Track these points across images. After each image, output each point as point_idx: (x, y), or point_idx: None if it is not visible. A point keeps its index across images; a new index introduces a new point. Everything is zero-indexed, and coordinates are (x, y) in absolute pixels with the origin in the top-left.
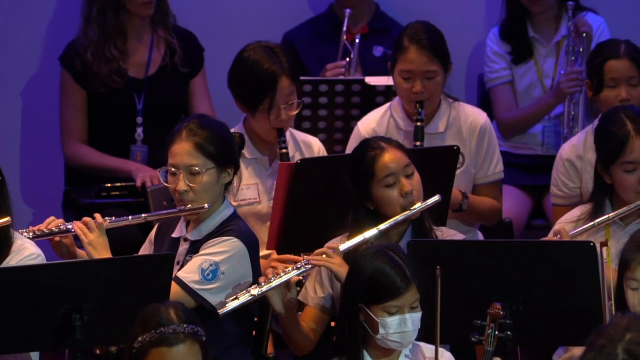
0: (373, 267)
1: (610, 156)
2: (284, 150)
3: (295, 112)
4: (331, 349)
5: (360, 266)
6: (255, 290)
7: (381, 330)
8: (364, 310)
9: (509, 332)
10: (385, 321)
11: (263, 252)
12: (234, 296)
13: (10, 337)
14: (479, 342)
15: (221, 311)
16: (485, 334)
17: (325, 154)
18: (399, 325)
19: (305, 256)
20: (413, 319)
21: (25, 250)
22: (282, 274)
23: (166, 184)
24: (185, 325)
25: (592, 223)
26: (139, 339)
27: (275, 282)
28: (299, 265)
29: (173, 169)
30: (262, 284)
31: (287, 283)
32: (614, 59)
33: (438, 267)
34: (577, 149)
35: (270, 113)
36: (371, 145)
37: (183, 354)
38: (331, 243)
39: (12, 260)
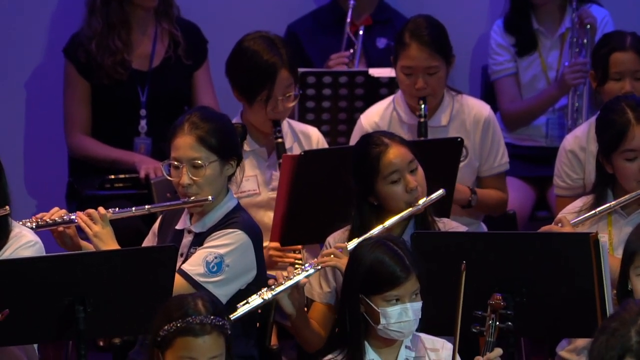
0: (372, 257)
1: (611, 145)
2: (279, 140)
3: (292, 104)
4: (333, 341)
5: (359, 257)
6: (266, 294)
7: (382, 321)
8: (365, 301)
9: (510, 323)
10: (386, 311)
11: (264, 242)
12: (245, 300)
13: (14, 328)
14: (479, 333)
15: (233, 316)
16: (486, 324)
17: (325, 144)
18: (400, 314)
19: (308, 255)
20: (414, 309)
21: (23, 238)
22: (292, 276)
23: (169, 178)
24: (212, 317)
25: (593, 212)
26: (165, 327)
27: (286, 284)
28: (308, 267)
29: (176, 163)
30: (273, 286)
31: (296, 285)
32: (620, 51)
33: (464, 261)
34: (580, 141)
35: (268, 104)
36: (374, 142)
37: (208, 345)
38: (337, 242)
39: (10, 248)
